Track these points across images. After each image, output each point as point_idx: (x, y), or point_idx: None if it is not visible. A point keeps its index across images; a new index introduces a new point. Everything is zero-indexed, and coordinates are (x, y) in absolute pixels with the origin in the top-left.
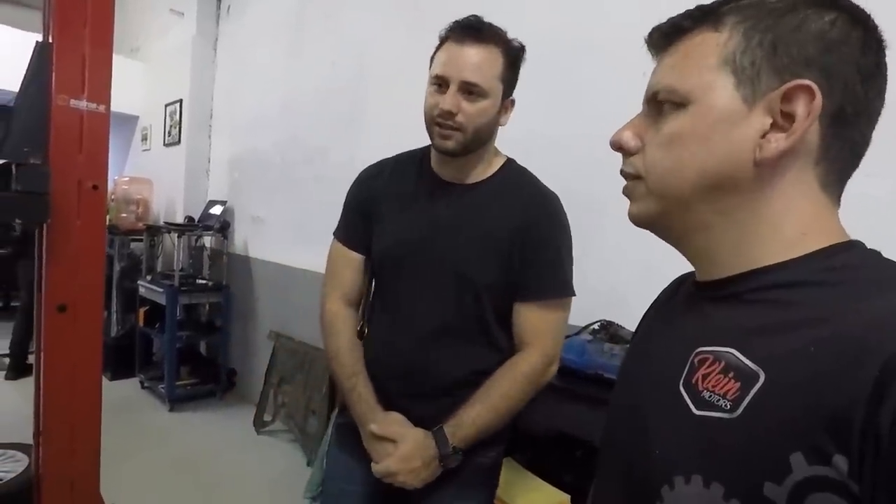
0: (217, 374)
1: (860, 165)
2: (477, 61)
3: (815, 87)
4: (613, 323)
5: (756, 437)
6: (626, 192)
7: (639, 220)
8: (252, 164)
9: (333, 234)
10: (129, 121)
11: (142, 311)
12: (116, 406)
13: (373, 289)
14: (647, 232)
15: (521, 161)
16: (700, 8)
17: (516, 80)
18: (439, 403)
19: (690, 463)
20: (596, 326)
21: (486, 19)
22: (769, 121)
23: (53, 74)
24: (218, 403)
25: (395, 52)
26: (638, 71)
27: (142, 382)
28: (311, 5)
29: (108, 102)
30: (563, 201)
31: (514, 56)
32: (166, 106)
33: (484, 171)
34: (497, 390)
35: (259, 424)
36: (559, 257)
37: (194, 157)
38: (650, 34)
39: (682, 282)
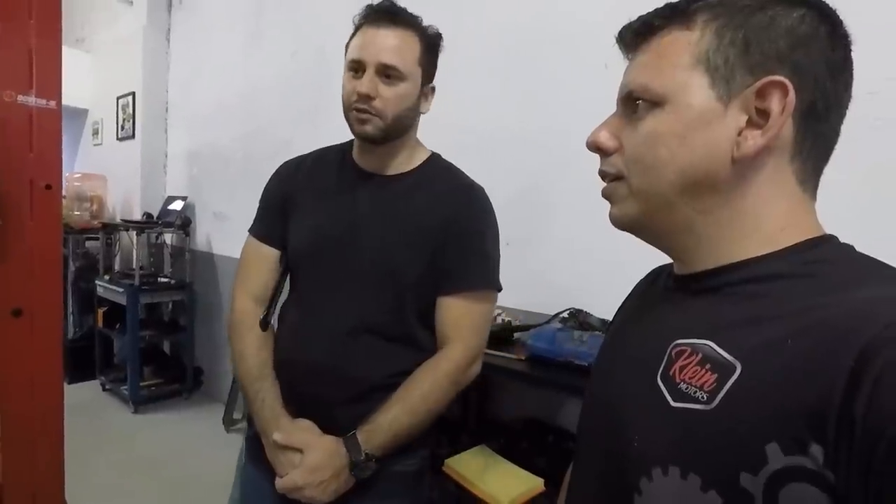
0: (183, 374)
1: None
2: (394, 44)
3: (787, 83)
4: (582, 311)
5: (732, 428)
6: (606, 193)
7: (621, 223)
8: (212, 158)
9: (249, 230)
10: (78, 114)
11: (100, 311)
12: (77, 410)
13: (289, 284)
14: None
15: (488, 155)
16: (670, 6)
17: (435, 67)
18: (357, 408)
19: (668, 454)
20: (565, 315)
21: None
22: (745, 118)
23: None
24: (185, 403)
25: None
26: (600, 63)
27: (103, 385)
28: None
29: (58, 98)
30: (529, 194)
31: (431, 41)
32: (118, 99)
33: (407, 162)
34: (416, 391)
35: (228, 422)
36: (483, 249)
37: (150, 151)
38: (621, 33)
39: (658, 273)
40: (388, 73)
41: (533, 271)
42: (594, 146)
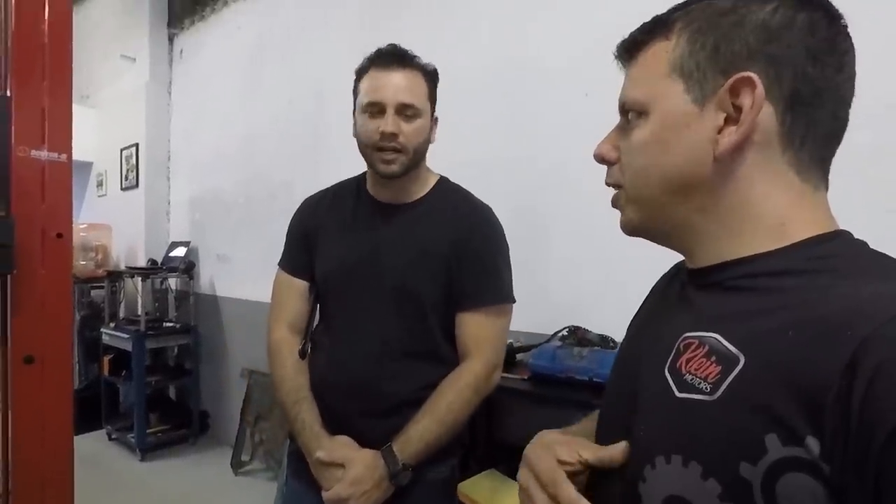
0: (189, 418)
1: None
2: (407, 84)
3: (754, 76)
4: (580, 327)
5: (733, 418)
6: (613, 202)
7: (626, 229)
8: (214, 203)
9: (278, 264)
10: (83, 168)
11: (106, 359)
12: (85, 461)
13: (319, 313)
14: (606, 241)
15: (484, 182)
16: (654, 19)
17: (436, 99)
18: (390, 422)
19: (671, 443)
20: (564, 332)
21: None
22: (723, 116)
23: (13, 127)
24: (191, 448)
25: (350, 85)
26: (581, 92)
27: (109, 434)
28: (265, 45)
29: (69, 151)
30: (523, 217)
31: (432, 77)
32: (122, 150)
33: (420, 189)
34: (443, 402)
35: (237, 465)
36: (496, 265)
37: (153, 199)
38: (616, 49)
39: (677, 270)
40: (406, 111)
41: (532, 292)
42: (599, 158)
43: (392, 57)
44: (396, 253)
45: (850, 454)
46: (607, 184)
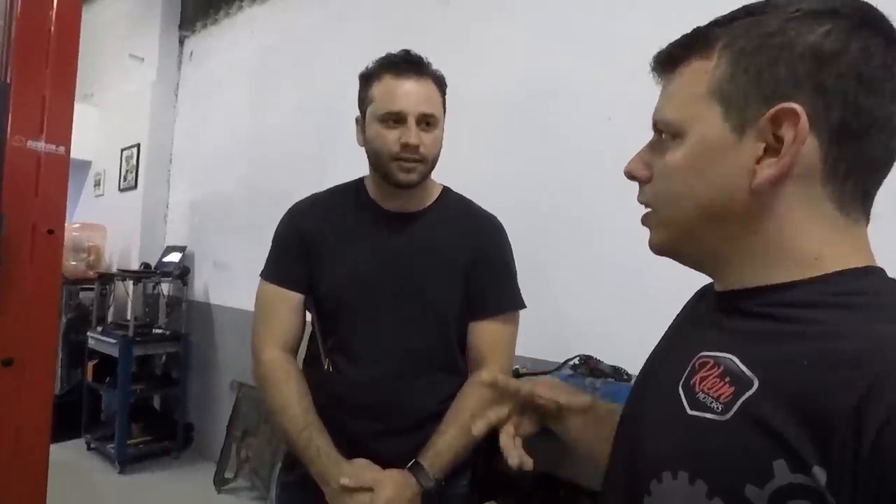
0: (173, 430)
1: None
2: (427, 94)
3: (798, 109)
4: (592, 357)
5: (743, 440)
6: (644, 221)
7: (655, 249)
8: (215, 207)
9: (261, 276)
10: (82, 167)
11: (90, 364)
12: (60, 470)
13: (319, 328)
14: (625, 265)
15: (499, 201)
16: (693, 33)
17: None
18: (412, 438)
19: (679, 459)
20: (576, 361)
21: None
22: (762, 146)
23: (10, 115)
24: (173, 462)
25: None
26: (604, 116)
27: (88, 443)
28: (276, 49)
29: (68, 144)
30: (539, 236)
31: (444, 84)
32: (122, 150)
33: (427, 198)
34: (466, 411)
35: (220, 482)
36: (509, 273)
37: (151, 201)
38: (652, 61)
39: (704, 292)
40: (427, 121)
41: (542, 319)
42: (630, 175)
43: (408, 65)
44: (416, 262)
45: (860, 490)
46: (640, 202)
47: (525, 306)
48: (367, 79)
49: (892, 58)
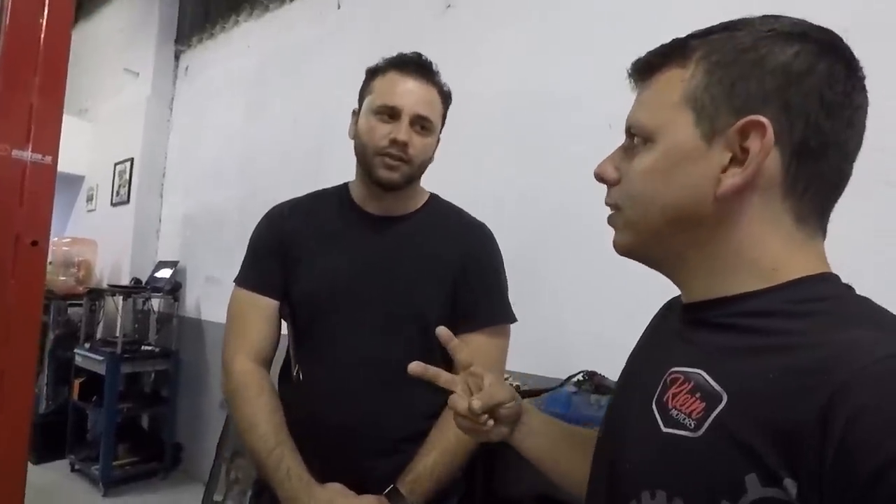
0: (161, 451)
1: None
2: (428, 97)
3: (766, 122)
4: (597, 373)
5: (715, 456)
6: (609, 222)
7: (619, 250)
8: (208, 222)
9: (235, 282)
10: (74, 181)
11: (77, 382)
12: (40, 494)
13: (293, 335)
14: (628, 276)
15: (495, 216)
16: (671, 43)
17: (445, 121)
18: (392, 461)
19: (656, 478)
20: (580, 377)
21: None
22: (728, 155)
23: None
24: (160, 483)
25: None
26: (604, 124)
27: (72, 464)
28: (272, 64)
29: (55, 154)
30: (540, 246)
31: (448, 98)
32: (115, 165)
33: (413, 203)
34: (450, 432)
35: None
36: (500, 284)
37: (144, 216)
38: (630, 68)
39: (670, 306)
40: (422, 124)
41: (543, 333)
42: (599, 177)
43: (416, 66)
44: (397, 269)
45: (826, 497)
46: (607, 203)
47: (516, 320)
48: (372, 72)
49: (851, 86)
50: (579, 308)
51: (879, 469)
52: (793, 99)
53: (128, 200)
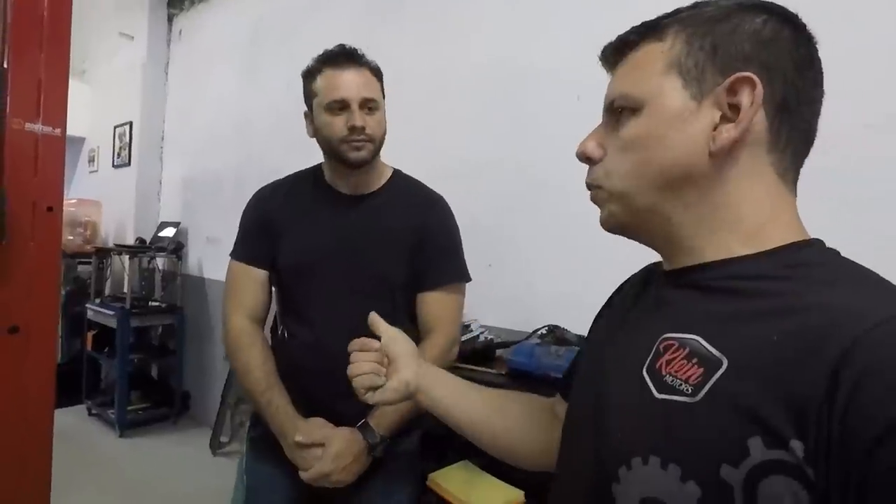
0: (171, 398)
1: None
2: (366, 81)
3: (755, 77)
4: (559, 327)
5: (715, 421)
6: (594, 200)
7: (608, 226)
8: (206, 184)
9: (231, 255)
10: (75, 143)
11: (90, 335)
12: (63, 434)
13: (278, 298)
14: (590, 239)
15: (472, 182)
16: (644, 24)
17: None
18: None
19: (649, 444)
20: (543, 331)
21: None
22: (718, 114)
23: (8, 98)
24: (172, 427)
25: None
26: (573, 95)
27: (89, 409)
28: (265, 28)
29: (63, 125)
30: (509, 217)
31: (380, 73)
32: (115, 128)
33: (377, 181)
34: None
35: (215, 446)
36: (454, 246)
37: (145, 178)
38: (603, 51)
39: (650, 272)
40: (369, 105)
41: (513, 291)
42: (583, 156)
43: (345, 57)
44: (365, 239)
45: (834, 458)
46: (588, 182)
47: (470, 279)
48: (309, 75)
49: (811, 50)
50: (546, 270)
51: (882, 434)
52: (769, 59)
53: (129, 163)
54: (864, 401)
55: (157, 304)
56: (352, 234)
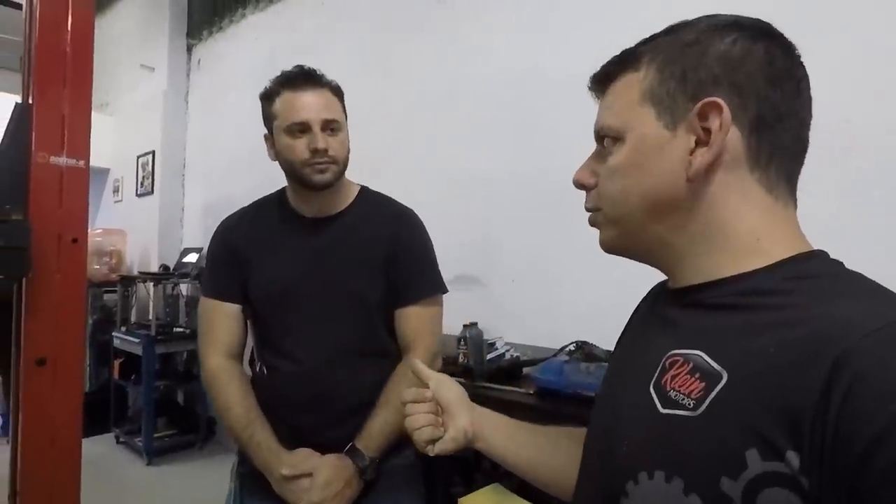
0: (196, 424)
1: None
2: (326, 102)
3: (721, 101)
4: (588, 343)
5: (715, 434)
6: (591, 222)
7: (606, 247)
8: (227, 210)
9: (201, 293)
10: (100, 174)
11: (117, 363)
12: (91, 463)
13: (255, 333)
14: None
15: (494, 191)
16: (623, 52)
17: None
18: (348, 426)
19: (654, 459)
20: (571, 347)
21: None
22: (693, 139)
23: (34, 133)
24: (198, 454)
25: (364, 98)
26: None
27: (117, 437)
28: (280, 55)
29: (87, 157)
30: (531, 233)
31: (341, 93)
32: (138, 157)
33: (344, 201)
34: (395, 394)
35: None
36: (427, 259)
37: (168, 206)
38: (589, 81)
39: (658, 292)
40: (331, 126)
41: (540, 307)
42: (577, 184)
43: (304, 78)
44: (337, 260)
45: (826, 468)
46: (586, 208)
47: (447, 290)
48: (268, 97)
49: (790, 62)
50: (574, 285)
51: (874, 439)
52: (739, 79)
53: (152, 191)
54: (854, 409)
55: (181, 329)
56: (322, 256)
